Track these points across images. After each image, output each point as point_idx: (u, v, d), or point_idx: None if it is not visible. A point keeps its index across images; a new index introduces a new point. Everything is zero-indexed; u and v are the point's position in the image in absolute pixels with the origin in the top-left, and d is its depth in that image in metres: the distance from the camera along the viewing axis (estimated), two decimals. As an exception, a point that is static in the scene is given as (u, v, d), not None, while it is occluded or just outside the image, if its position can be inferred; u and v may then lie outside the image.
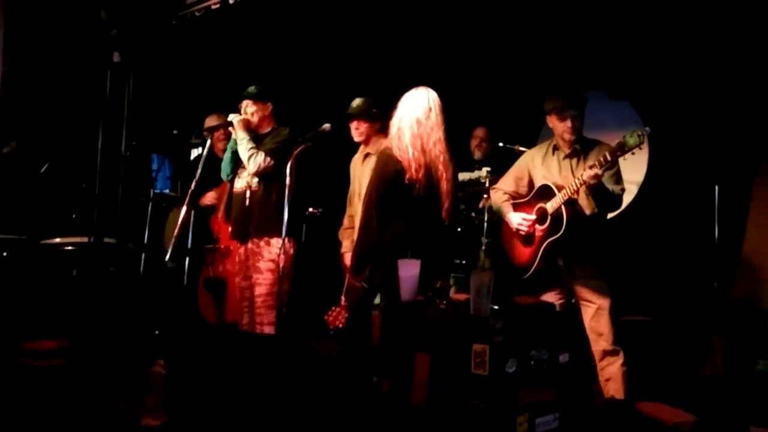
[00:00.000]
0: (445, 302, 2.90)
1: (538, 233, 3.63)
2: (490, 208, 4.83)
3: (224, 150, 4.39)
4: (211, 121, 4.95)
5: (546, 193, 3.59)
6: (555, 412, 2.56)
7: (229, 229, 4.41)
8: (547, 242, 3.55)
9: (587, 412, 2.98)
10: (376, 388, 2.91)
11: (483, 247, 4.68)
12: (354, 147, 4.32)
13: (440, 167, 3.40)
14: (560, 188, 3.50)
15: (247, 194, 4.15)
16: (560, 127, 3.60)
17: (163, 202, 4.88)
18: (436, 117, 3.41)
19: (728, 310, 4.17)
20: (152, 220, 4.63)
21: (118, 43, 4.12)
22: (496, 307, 2.69)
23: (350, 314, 3.99)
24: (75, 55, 5.51)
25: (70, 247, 4.66)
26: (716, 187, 4.11)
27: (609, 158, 3.26)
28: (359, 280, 3.47)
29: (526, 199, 3.76)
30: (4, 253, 4.64)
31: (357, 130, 4.16)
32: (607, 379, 3.56)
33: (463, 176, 4.70)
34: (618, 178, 3.52)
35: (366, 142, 4.18)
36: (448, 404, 2.59)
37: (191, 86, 5.62)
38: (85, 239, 4.34)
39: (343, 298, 3.99)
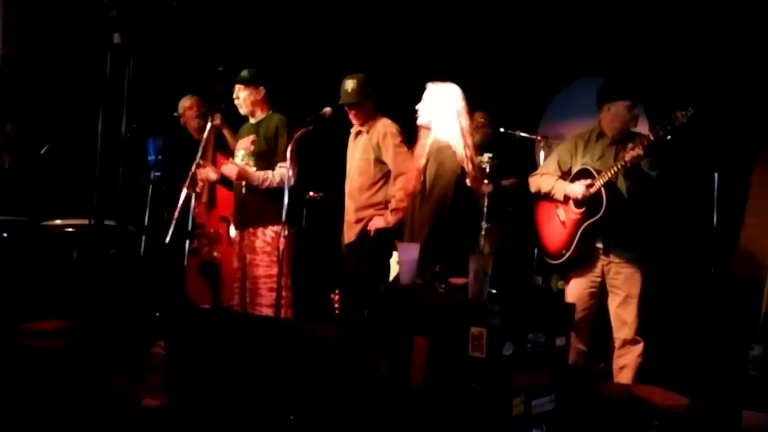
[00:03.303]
0: (443, 286, 2.92)
1: (575, 216, 3.63)
2: (491, 193, 4.84)
3: (198, 130, 4.41)
4: (184, 103, 4.97)
5: (585, 176, 3.60)
6: (550, 394, 2.58)
7: (216, 214, 4.46)
8: (585, 225, 3.56)
9: (582, 395, 3.01)
10: (375, 371, 2.93)
11: (483, 232, 4.69)
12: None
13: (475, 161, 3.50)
14: (599, 172, 3.52)
15: (243, 183, 4.18)
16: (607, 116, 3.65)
17: (163, 184, 4.89)
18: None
19: (724, 296, 4.19)
20: (152, 203, 4.64)
21: (118, 25, 4.11)
22: (494, 291, 2.71)
23: (348, 297, 4.02)
24: (75, 36, 5.49)
25: (70, 229, 4.67)
26: (716, 174, 4.11)
27: (652, 138, 3.30)
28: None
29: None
30: (5, 234, 4.66)
31: (356, 118, 4.15)
32: (622, 367, 3.59)
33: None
34: (655, 164, 3.52)
35: (362, 123, 4.17)
36: (445, 387, 2.62)
37: (192, 68, 5.61)
38: (86, 221, 4.35)
39: None
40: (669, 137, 3.30)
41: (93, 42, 4.39)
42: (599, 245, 3.62)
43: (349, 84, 4.07)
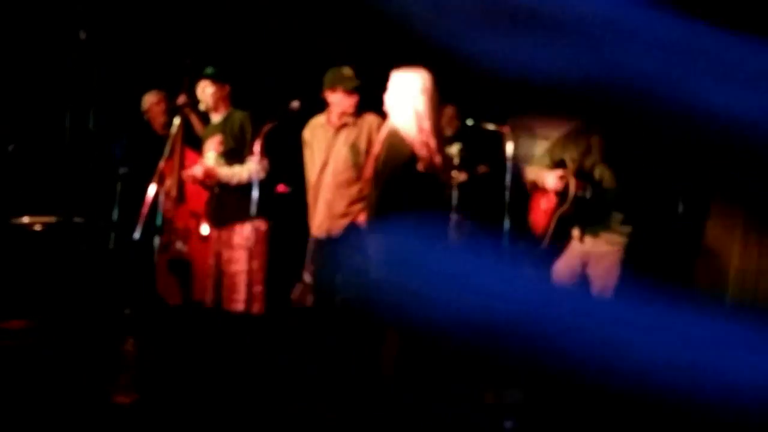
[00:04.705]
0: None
1: (552, 205, 3.66)
2: (462, 184, 4.88)
3: (164, 125, 4.40)
4: (150, 98, 4.92)
5: (560, 167, 3.62)
6: (520, 387, 2.63)
7: (185, 209, 4.46)
8: (557, 213, 3.59)
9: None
10: (345, 364, 2.96)
11: (452, 224, 4.72)
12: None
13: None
14: (574, 161, 3.54)
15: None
16: None
17: (131, 180, 4.85)
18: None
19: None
20: (122, 199, 4.61)
21: (83, 21, 4.08)
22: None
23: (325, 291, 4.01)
24: (40, 33, 5.42)
25: (38, 227, 4.63)
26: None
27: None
28: None
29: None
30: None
31: (353, 107, 4.07)
32: None
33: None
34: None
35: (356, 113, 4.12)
36: (416, 377, 2.65)
37: (158, 62, 5.56)
38: (54, 218, 4.32)
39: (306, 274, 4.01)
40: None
41: (59, 38, 4.35)
42: (576, 233, 3.65)
43: (348, 70, 3.98)
